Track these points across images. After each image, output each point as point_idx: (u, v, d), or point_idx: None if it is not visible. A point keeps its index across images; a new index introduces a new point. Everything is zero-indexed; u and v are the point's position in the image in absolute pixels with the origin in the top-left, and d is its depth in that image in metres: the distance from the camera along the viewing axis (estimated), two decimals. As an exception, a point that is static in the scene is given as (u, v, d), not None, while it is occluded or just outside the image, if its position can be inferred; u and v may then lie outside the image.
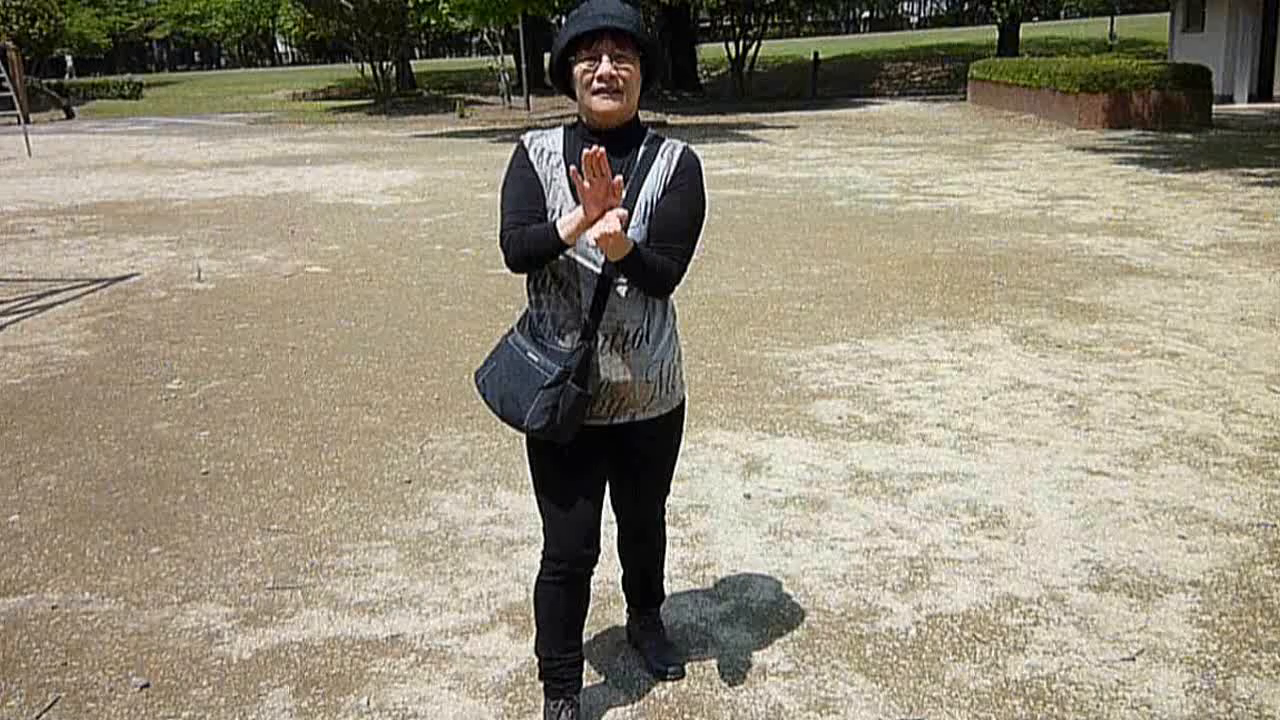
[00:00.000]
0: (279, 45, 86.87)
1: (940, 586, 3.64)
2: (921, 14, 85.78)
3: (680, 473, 4.53)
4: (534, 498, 2.86)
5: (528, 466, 2.85)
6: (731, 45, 36.75)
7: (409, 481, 4.66)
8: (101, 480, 4.78)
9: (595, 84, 2.55)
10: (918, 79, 37.04)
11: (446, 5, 25.48)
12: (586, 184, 2.42)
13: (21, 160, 20.59)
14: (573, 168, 2.48)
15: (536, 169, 2.65)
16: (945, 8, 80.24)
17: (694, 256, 2.69)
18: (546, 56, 41.46)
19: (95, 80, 54.85)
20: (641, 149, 2.65)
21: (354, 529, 4.22)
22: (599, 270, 2.61)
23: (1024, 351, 6.27)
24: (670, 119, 27.44)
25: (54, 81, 49.08)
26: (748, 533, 4.08)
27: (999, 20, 32.36)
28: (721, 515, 4.24)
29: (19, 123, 26.27)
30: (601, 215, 2.44)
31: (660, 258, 2.58)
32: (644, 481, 2.96)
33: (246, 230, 11.44)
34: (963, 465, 4.66)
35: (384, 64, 39.78)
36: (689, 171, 2.65)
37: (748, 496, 4.40)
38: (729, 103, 32.52)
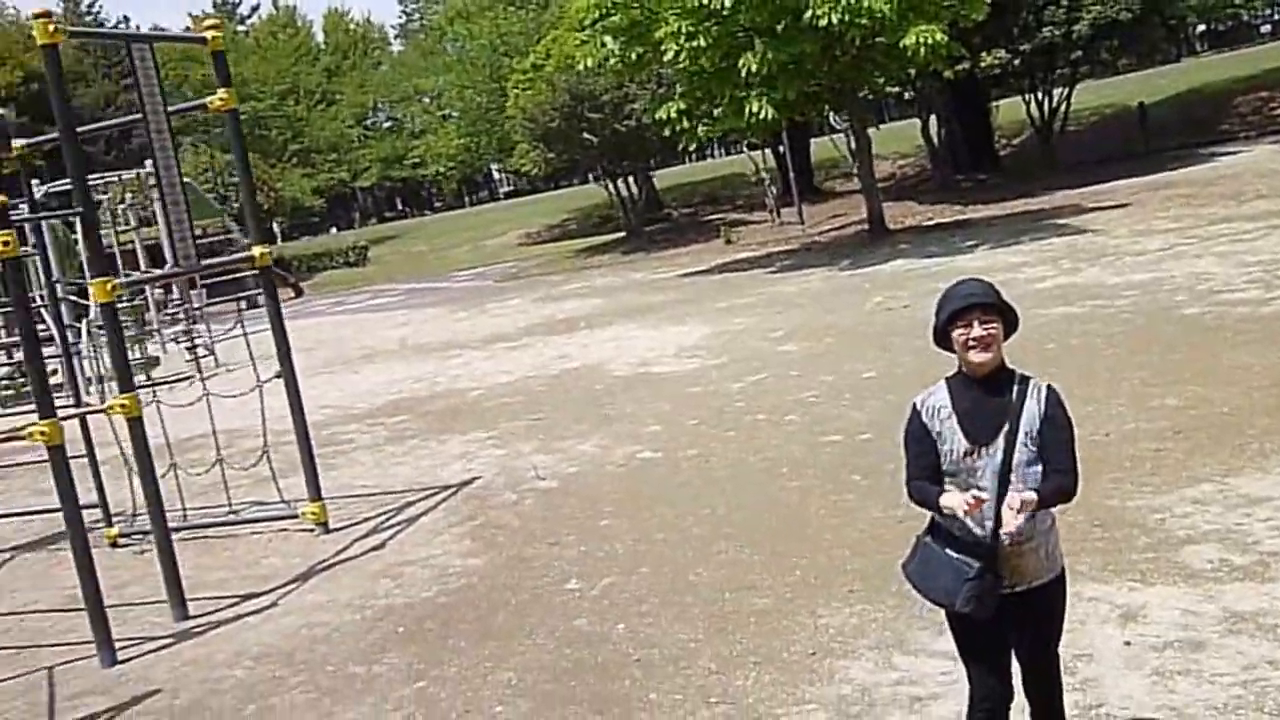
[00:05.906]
0: (494, 174, 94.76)
1: (1312, 706, 5.21)
2: (1277, 17, 78.95)
3: (1064, 626, 6.31)
4: (929, 661, 4.71)
5: (949, 632, 4.72)
6: (1032, 101, 36.55)
7: (814, 654, 6.58)
8: (553, 673, 6.96)
9: (970, 343, 4.51)
10: None
11: (704, 128, 27.83)
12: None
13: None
14: (969, 502, 4.34)
15: (929, 427, 4.58)
16: (1307, 7, 75.81)
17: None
18: (812, 147, 42.96)
19: (315, 248, 62.04)
20: (1014, 389, 4.56)
21: (781, 696, 6.18)
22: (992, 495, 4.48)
23: (1405, 476, 7.56)
24: (970, 211, 28.24)
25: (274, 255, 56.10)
26: (1132, 675, 5.75)
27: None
28: (1105, 662, 5.92)
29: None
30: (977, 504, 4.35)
31: (1053, 482, 4.42)
32: (1038, 634, 4.74)
33: (558, 417, 14.00)
34: (1335, 598, 6.15)
35: (625, 184, 42.72)
36: (1055, 405, 4.52)
37: (1128, 643, 6.06)
38: (1036, 178, 32.90)
